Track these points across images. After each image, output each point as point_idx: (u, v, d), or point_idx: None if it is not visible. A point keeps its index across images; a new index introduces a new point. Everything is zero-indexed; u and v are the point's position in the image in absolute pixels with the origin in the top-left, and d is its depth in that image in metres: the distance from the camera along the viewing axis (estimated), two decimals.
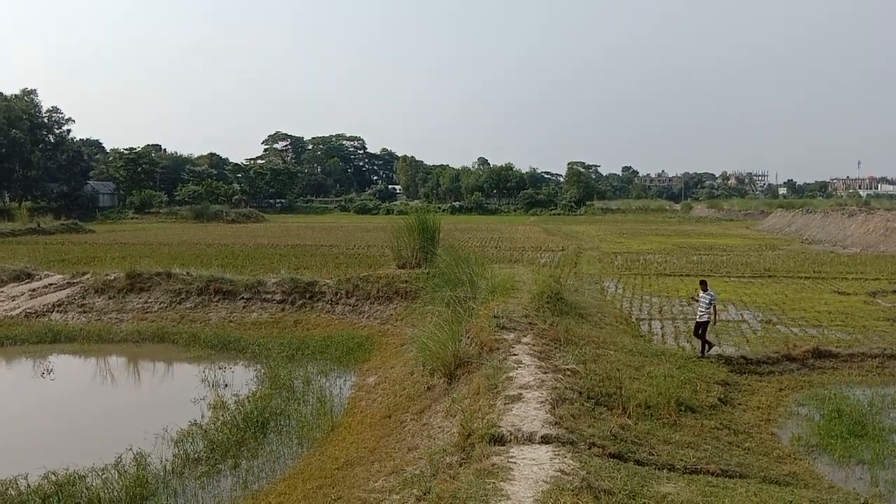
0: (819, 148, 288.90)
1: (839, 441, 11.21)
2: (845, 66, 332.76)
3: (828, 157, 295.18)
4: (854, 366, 15.82)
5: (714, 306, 15.88)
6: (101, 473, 10.41)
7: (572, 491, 6.55)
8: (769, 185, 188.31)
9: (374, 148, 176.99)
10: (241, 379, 16.77)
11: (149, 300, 24.19)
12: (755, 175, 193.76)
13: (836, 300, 23.97)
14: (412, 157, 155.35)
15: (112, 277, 25.22)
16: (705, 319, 15.74)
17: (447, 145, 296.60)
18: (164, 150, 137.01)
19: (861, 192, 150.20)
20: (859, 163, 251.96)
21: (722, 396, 13.06)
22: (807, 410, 13.02)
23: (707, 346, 15.89)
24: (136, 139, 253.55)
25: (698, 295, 16.20)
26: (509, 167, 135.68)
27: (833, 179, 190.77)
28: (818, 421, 12.26)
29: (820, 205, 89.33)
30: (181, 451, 11.70)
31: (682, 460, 8.84)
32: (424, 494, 7.17)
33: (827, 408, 12.76)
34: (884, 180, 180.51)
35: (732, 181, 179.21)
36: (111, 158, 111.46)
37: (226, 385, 16.26)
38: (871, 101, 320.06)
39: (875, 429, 11.78)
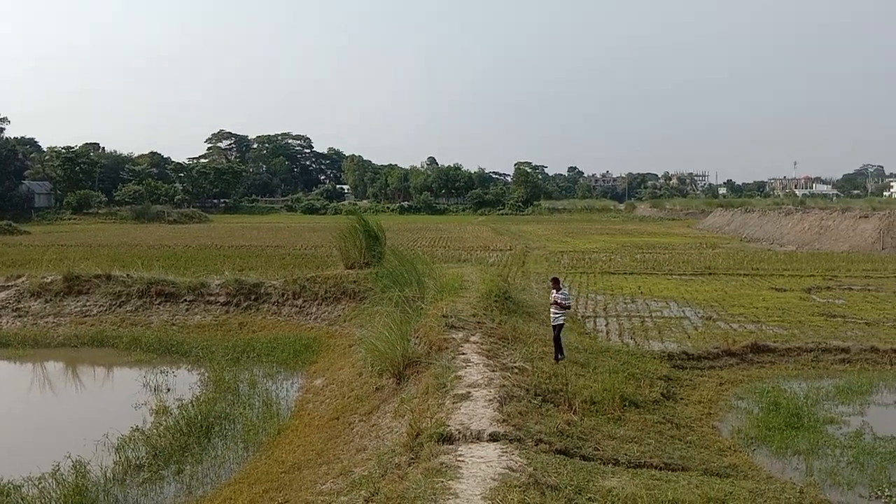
0: (757, 149, 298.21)
1: (777, 433, 11.59)
2: (783, 70, 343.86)
3: (765, 157, 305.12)
4: (790, 360, 16.38)
5: (567, 307, 14.57)
6: (37, 483, 10.07)
7: (520, 487, 6.61)
8: (709, 184, 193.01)
9: (321, 147, 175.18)
10: (184, 383, 16.43)
11: (87, 303, 23.48)
12: (696, 175, 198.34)
13: (774, 296, 24.75)
14: (360, 156, 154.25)
15: (49, 280, 24.40)
16: (560, 322, 14.05)
17: (396, 145, 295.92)
18: (103, 148, 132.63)
19: (797, 191, 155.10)
20: (795, 163, 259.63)
21: (665, 391, 13.37)
22: (746, 404, 13.41)
23: (560, 354, 13.88)
24: (73, 137, 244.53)
25: (551, 295, 14.34)
26: (457, 167, 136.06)
27: (771, 179, 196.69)
28: (757, 414, 12.65)
29: (758, 204, 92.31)
30: (122, 458, 11.41)
31: (626, 455, 9.01)
32: (373, 495, 7.13)
33: (765, 401, 13.18)
34: (818, 180, 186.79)
35: (674, 181, 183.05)
36: (47, 157, 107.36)
37: (168, 389, 15.90)
38: (808, 102, 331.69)
39: (810, 420, 12.22)
